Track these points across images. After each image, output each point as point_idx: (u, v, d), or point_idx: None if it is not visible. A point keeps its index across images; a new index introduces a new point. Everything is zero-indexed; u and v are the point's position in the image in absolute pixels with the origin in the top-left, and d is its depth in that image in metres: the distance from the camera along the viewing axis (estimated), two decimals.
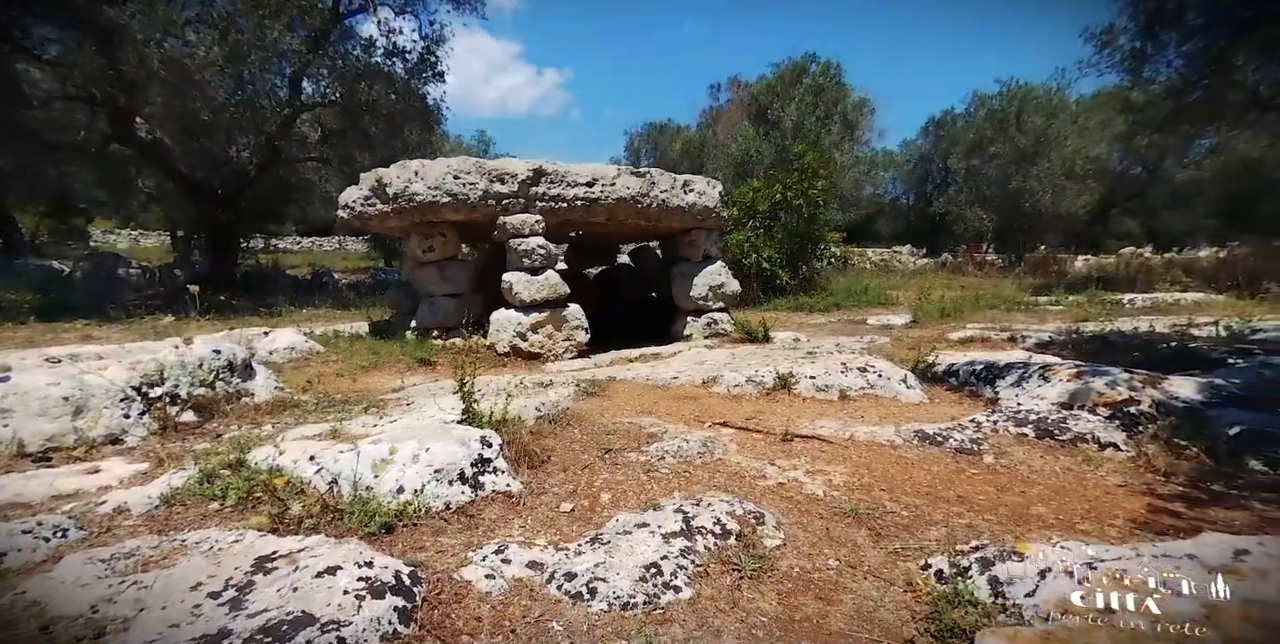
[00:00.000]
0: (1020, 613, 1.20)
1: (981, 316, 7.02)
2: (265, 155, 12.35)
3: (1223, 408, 2.20)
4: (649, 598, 1.35)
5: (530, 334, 4.96)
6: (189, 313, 6.58)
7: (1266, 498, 1.78)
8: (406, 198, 4.70)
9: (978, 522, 1.84)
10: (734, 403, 3.29)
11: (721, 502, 1.86)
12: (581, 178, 5.24)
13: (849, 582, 1.51)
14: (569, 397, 3.28)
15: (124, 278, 12.96)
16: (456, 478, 1.72)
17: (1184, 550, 1.23)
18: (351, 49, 12.12)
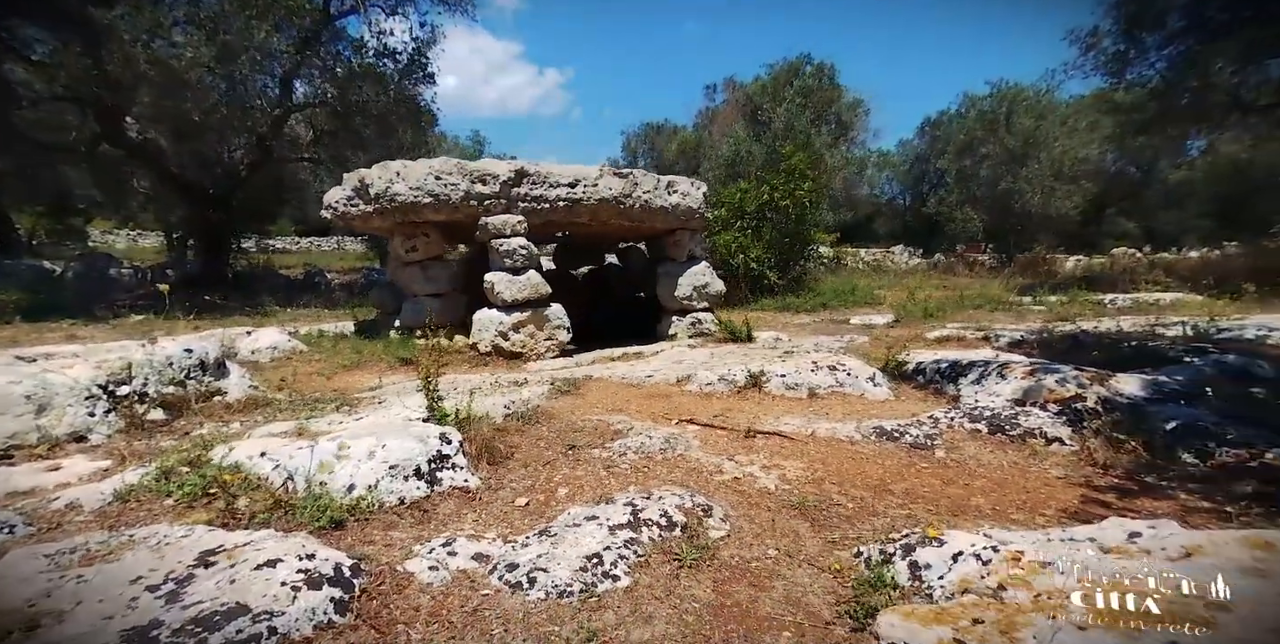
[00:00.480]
0: (930, 594, 1.27)
1: (963, 316, 7.10)
2: (256, 156, 12.37)
3: (1163, 404, 2.27)
4: (586, 587, 1.40)
5: (512, 333, 5.01)
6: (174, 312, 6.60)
7: (1192, 488, 1.85)
8: (388, 198, 4.74)
9: (919, 512, 1.90)
10: (704, 401, 3.35)
11: (673, 495, 1.92)
12: (563, 179, 5.30)
13: (784, 570, 1.57)
14: (542, 395, 3.34)
15: (115, 278, 12.96)
16: (412, 474, 1.78)
17: (1087, 534, 1.29)
18: (343, 50, 12.16)
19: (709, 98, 23.93)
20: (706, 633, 1.29)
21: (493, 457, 2.16)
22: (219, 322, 6.84)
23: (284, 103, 11.87)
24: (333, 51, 12.04)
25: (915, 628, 1.07)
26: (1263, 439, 1.98)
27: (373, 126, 12.83)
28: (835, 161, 15.40)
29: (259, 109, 11.14)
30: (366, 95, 11.39)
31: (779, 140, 13.60)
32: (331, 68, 12.06)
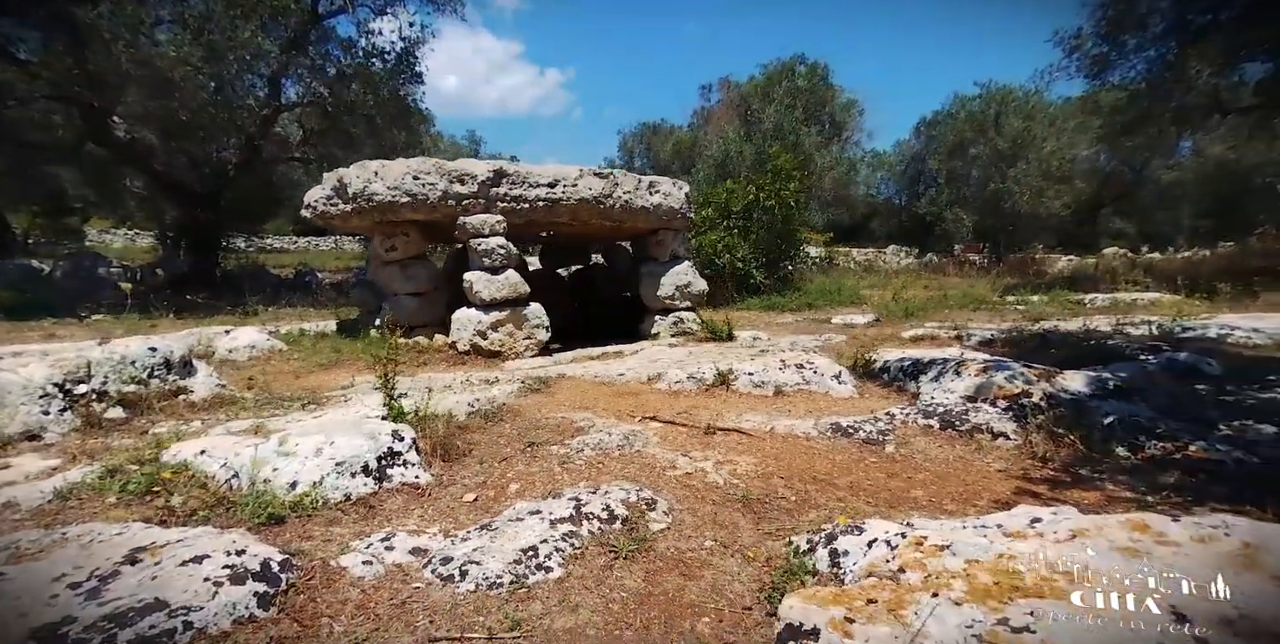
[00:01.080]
0: (843, 578, 1.31)
1: (944, 316, 7.17)
2: (245, 155, 12.35)
3: (1104, 400, 2.33)
4: (517, 578, 1.44)
5: (490, 332, 5.04)
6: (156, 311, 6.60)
7: (1120, 480, 1.90)
8: (366, 197, 4.77)
9: (858, 505, 1.95)
10: (672, 398, 3.39)
11: (620, 490, 1.96)
12: (543, 179, 5.33)
13: (717, 560, 1.62)
14: (511, 393, 3.37)
15: (104, 277, 12.93)
16: (360, 470, 1.81)
17: (996, 521, 1.35)
18: (331, 49, 12.17)
19: (704, 98, 24.03)
20: (629, 620, 1.34)
21: (448, 453, 2.20)
22: (202, 321, 6.85)
23: (272, 102, 11.86)
24: (321, 51, 12.05)
25: (812, 609, 1.12)
26: (1189, 432, 2.04)
27: (362, 126, 12.84)
28: (825, 162, 15.47)
29: (247, 108, 11.13)
30: (355, 95, 11.38)
31: (768, 141, 13.66)
32: (320, 67, 12.07)
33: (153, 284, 12.42)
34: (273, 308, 9.10)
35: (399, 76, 11.83)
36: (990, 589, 1.07)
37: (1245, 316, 4.63)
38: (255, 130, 11.65)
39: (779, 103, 14.85)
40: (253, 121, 11.43)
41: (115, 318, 7.10)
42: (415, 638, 1.21)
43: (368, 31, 11.70)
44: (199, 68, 8.47)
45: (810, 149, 14.54)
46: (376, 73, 11.59)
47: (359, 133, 12.91)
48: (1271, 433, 2.02)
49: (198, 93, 9.13)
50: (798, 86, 15.92)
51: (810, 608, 1.13)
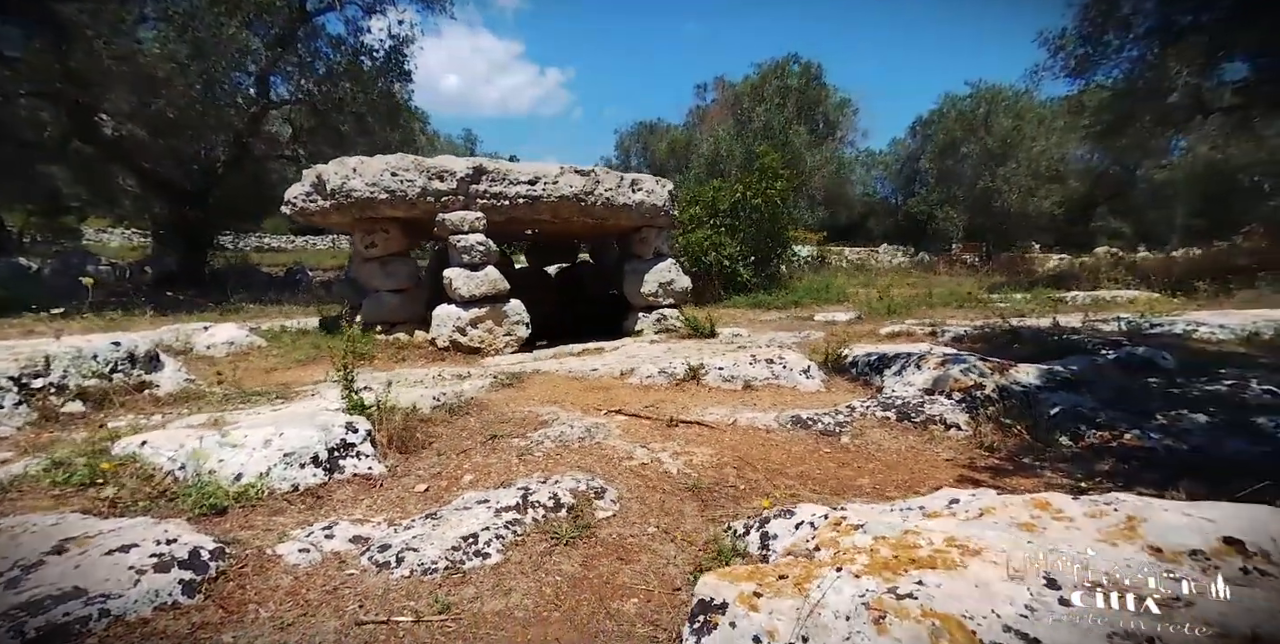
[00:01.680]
0: (769, 558, 1.35)
1: (925, 313, 7.22)
2: (234, 153, 12.31)
3: (1052, 392, 2.37)
4: (453, 564, 1.46)
5: (470, 329, 5.06)
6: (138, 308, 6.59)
7: (1059, 467, 1.95)
8: (344, 194, 4.78)
9: (804, 492, 1.99)
10: (642, 393, 3.42)
11: (571, 480, 1.99)
12: (523, 176, 5.35)
13: (656, 545, 1.65)
14: (483, 388, 3.40)
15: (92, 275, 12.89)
16: (309, 461, 1.83)
17: (920, 503, 1.39)
18: (321, 47, 12.14)
19: (699, 97, 24.10)
20: (559, 602, 1.37)
21: (405, 445, 2.22)
22: (184, 318, 6.84)
23: (261, 100, 11.84)
24: (311, 48, 12.02)
25: (723, 585, 1.15)
26: (1127, 422, 2.08)
27: (352, 124, 12.82)
28: (815, 161, 15.51)
29: (235, 106, 11.10)
30: (344, 92, 11.37)
31: (758, 140, 13.70)
32: (310, 65, 12.05)
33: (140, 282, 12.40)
34: (259, 305, 9.09)
35: (388, 74, 11.81)
36: (889, 562, 1.11)
37: (1215, 313, 4.69)
38: (244, 128, 11.62)
39: (768, 102, 14.90)
40: (241, 119, 11.41)
41: (97, 315, 7.08)
42: (342, 622, 1.24)
43: (357, 29, 11.68)
44: (185, 65, 8.46)
45: (800, 148, 14.59)
46: (366, 71, 11.58)
47: (349, 131, 12.89)
48: (1203, 422, 2.07)
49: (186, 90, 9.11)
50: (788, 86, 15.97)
51: (722, 584, 1.16)
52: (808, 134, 16.56)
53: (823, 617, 1.05)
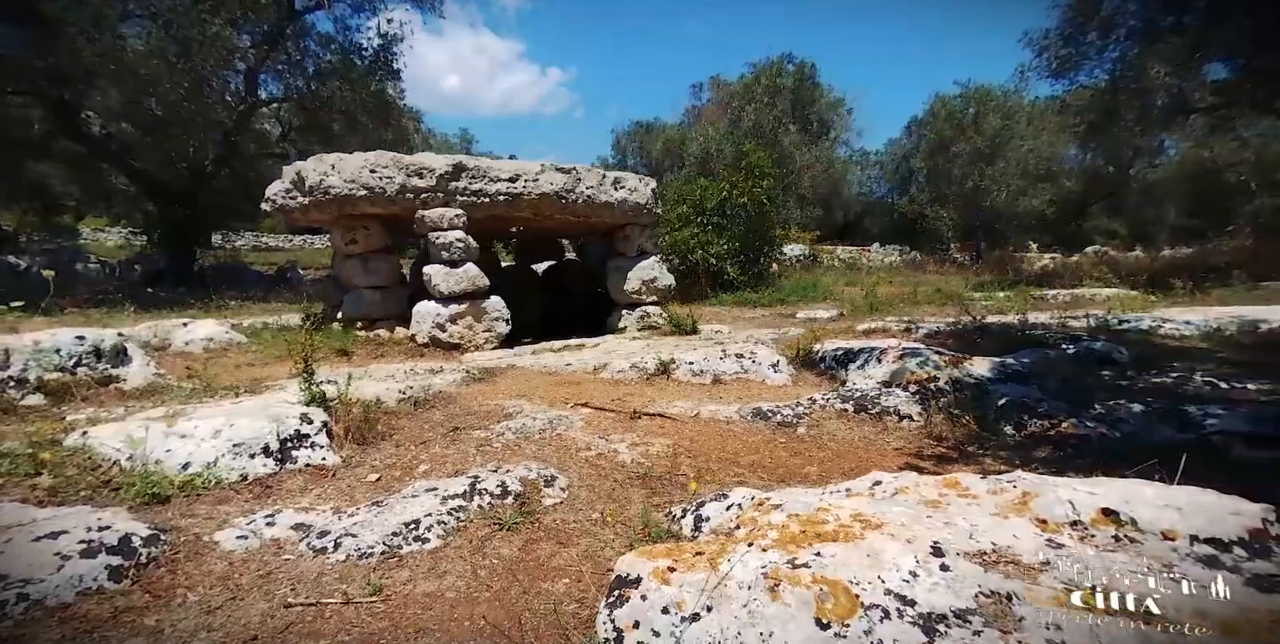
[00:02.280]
0: (698, 538, 1.39)
1: (907, 311, 7.27)
2: (222, 151, 12.27)
3: (1003, 384, 2.42)
4: (391, 549, 1.49)
5: (449, 325, 5.08)
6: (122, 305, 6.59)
7: (1000, 455, 1.99)
8: (322, 191, 4.80)
9: (753, 480, 2.03)
10: (612, 387, 3.46)
11: (524, 469, 2.02)
12: (504, 173, 5.38)
13: (598, 530, 1.69)
14: (453, 382, 3.43)
15: (82, 273, 12.84)
16: (259, 451, 1.86)
17: (846, 486, 1.43)
18: (310, 45, 12.12)
19: (695, 96, 24.14)
20: (491, 583, 1.40)
21: (363, 437, 2.25)
22: (168, 315, 6.82)
23: (249, 98, 11.80)
24: (300, 47, 11.99)
25: (640, 562, 1.19)
26: (1066, 411, 2.13)
27: (342, 123, 12.80)
28: (805, 160, 15.57)
29: (223, 104, 11.07)
30: (332, 91, 11.35)
31: (748, 139, 13.75)
32: (299, 63, 12.02)
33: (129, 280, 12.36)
34: (247, 303, 9.08)
35: (377, 73, 11.80)
36: (796, 537, 1.15)
37: (1185, 310, 4.76)
38: (232, 126, 11.59)
39: (757, 102, 14.96)
40: (229, 117, 11.37)
41: (83, 312, 7.06)
42: (270, 605, 1.26)
43: (345, 28, 11.68)
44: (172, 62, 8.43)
45: (790, 147, 14.64)
46: (354, 69, 11.56)
47: (340, 129, 12.87)
48: (1138, 411, 2.12)
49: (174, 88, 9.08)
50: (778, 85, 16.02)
51: (639, 561, 1.20)
52: (798, 133, 16.61)
53: (728, 587, 1.10)
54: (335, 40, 11.95)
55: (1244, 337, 3.59)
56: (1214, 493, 1.09)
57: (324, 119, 12.56)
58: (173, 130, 10.96)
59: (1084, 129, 10.34)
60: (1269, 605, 0.86)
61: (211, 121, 10.95)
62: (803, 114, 19.30)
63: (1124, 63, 8.41)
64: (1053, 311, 5.21)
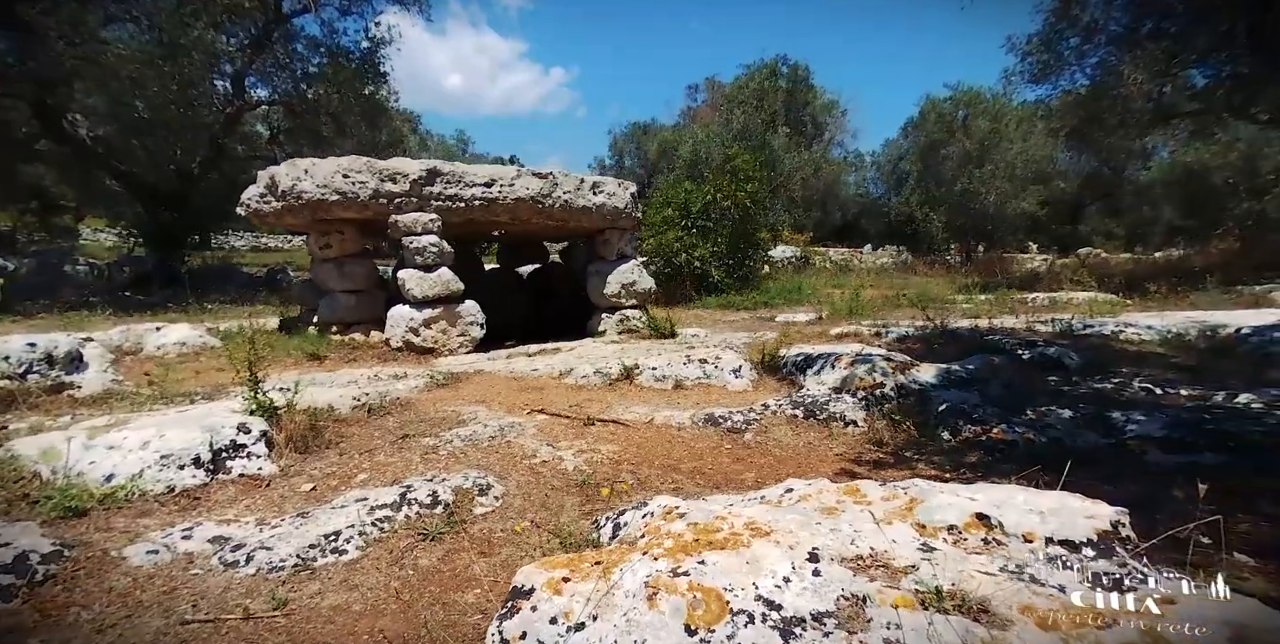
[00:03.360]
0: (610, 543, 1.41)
1: (886, 314, 7.31)
2: (209, 153, 12.26)
3: (946, 389, 2.45)
4: (304, 561, 1.49)
5: (423, 329, 5.09)
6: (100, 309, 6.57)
7: (934, 460, 2.02)
8: (295, 195, 4.80)
9: (690, 487, 2.04)
10: (574, 392, 3.47)
11: (461, 477, 2.03)
12: (479, 178, 5.40)
13: (523, 538, 1.70)
14: (415, 388, 3.43)
15: (70, 274, 12.81)
16: (189, 462, 1.86)
17: (761, 494, 1.47)
18: (298, 49, 12.13)
19: (690, 97, 24.21)
20: (402, 594, 1.41)
21: (307, 445, 2.26)
22: (148, 318, 6.81)
23: (236, 101, 11.80)
24: (288, 49, 12.00)
25: (538, 573, 1.20)
26: (999, 417, 2.16)
27: (330, 125, 12.81)
28: (795, 163, 15.64)
29: (209, 107, 11.06)
30: (318, 94, 11.37)
31: (737, 142, 13.81)
32: (286, 66, 12.03)
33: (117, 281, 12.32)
34: (231, 306, 9.05)
35: (364, 76, 11.81)
36: (688, 545, 1.17)
37: (1151, 315, 4.80)
38: (219, 129, 11.59)
39: (745, 104, 15.02)
40: (216, 120, 11.37)
41: (60, 315, 7.04)
42: (167, 622, 1.26)
43: (332, 31, 11.69)
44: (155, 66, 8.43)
45: (778, 150, 14.70)
46: (341, 72, 11.58)
47: (329, 132, 12.88)
48: (1067, 417, 2.15)
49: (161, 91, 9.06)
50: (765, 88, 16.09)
51: (537, 572, 1.21)
52: (787, 136, 16.68)
53: (615, 597, 1.12)
54: (323, 44, 11.97)
55: (1201, 341, 3.63)
56: (1079, 497, 1.13)
57: (312, 122, 12.57)
58: (159, 133, 10.95)
59: (1065, 134, 10.41)
60: (1091, 601, 0.90)
61: (198, 124, 10.95)
62: (796, 116, 19.38)
63: (1104, 68, 8.49)
64: (1025, 315, 5.24)
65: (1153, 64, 8.42)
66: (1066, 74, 8.88)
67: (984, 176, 16.64)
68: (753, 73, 17.86)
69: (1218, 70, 8.10)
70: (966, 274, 13.93)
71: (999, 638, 0.87)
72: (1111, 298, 7.36)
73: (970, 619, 0.90)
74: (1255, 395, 2.26)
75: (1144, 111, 9.33)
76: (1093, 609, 0.89)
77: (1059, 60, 8.65)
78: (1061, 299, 7.38)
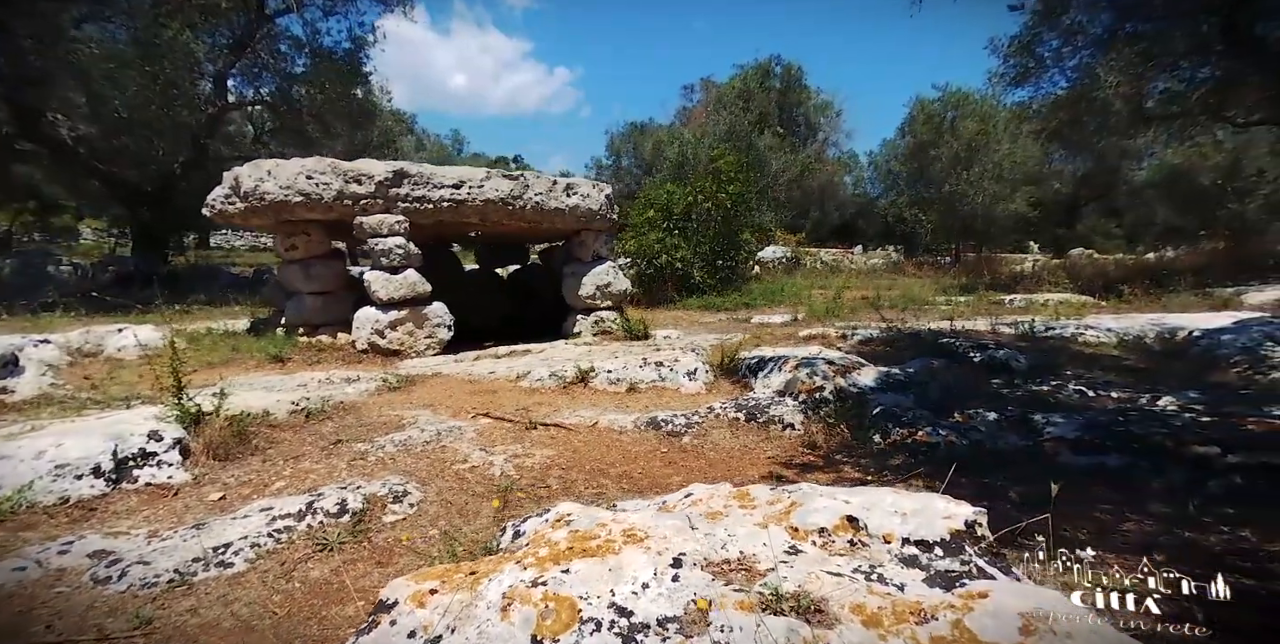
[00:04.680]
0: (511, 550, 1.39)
1: (864, 315, 7.31)
2: (192, 154, 12.18)
3: (883, 393, 2.43)
4: (183, 576, 1.44)
5: (389, 331, 5.05)
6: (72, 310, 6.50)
7: (861, 463, 2.01)
8: (258, 197, 4.76)
9: (613, 491, 2.02)
10: (527, 395, 3.44)
11: (380, 484, 2.00)
12: (448, 180, 5.36)
13: (426, 547, 1.67)
14: (366, 391, 3.40)
15: (53, 275, 12.71)
16: (89, 472, 1.81)
17: (663, 499, 1.46)
18: (281, 49, 12.08)
19: (686, 97, 24.23)
20: (280, 609, 1.37)
21: (229, 453, 2.22)
22: (117, 319, 6.74)
23: (218, 102, 11.74)
24: (271, 50, 11.95)
25: (406, 585, 1.18)
26: (926, 420, 2.15)
27: (316, 125, 12.76)
28: (781, 164, 15.65)
29: (190, 107, 10.99)
30: (300, 94, 11.32)
31: (723, 143, 13.81)
32: (269, 66, 11.98)
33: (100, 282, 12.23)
34: (208, 307, 8.99)
35: (346, 77, 11.77)
36: (561, 554, 1.16)
37: (1119, 317, 4.79)
38: (201, 129, 11.52)
39: (732, 106, 15.03)
40: (197, 120, 11.30)
41: (33, 316, 6.97)
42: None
43: (315, 31, 11.64)
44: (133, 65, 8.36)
45: (764, 151, 14.70)
46: (324, 73, 11.53)
47: (315, 132, 12.83)
48: (992, 419, 2.14)
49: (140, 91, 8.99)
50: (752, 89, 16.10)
51: (406, 585, 1.19)
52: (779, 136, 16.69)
53: (476, 608, 1.10)
54: (306, 44, 11.91)
55: (1157, 344, 3.63)
56: (944, 498, 1.12)
57: (293, 122, 12.52)
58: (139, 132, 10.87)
59: (1046, 136, 10.45)
60: (920, 597, 0.92)
61: (179, 124, 10.88)
62: (789, 116, 19.41)
63: (1083, 71, 8.52)
64: (994, 318, 5.24)
65: (1130, 67, 8.46)
66: (1046, 77, 8.91)
67: (972, 178, 16.70)
68: (745, 73, 17.89)
69: (1194, 72, 8.13)
70: (955, 275, 13.98)
71: (820, 636, 0.89)
72: (1085, 299, 7.38)
73: (801, 619, 0.91)
74: (1175, 398, 2.25)
75: (1123, 114, 9.38)
76: (918, 605, 0.90)
77: (1038, 63, 8.67)
78: (1038, 301, 7.40)
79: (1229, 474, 1.61)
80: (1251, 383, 2.66)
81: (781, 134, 16.99)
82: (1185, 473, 1.64)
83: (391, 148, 20.94)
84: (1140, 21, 8.15)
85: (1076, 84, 8.94)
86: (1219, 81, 7.87)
